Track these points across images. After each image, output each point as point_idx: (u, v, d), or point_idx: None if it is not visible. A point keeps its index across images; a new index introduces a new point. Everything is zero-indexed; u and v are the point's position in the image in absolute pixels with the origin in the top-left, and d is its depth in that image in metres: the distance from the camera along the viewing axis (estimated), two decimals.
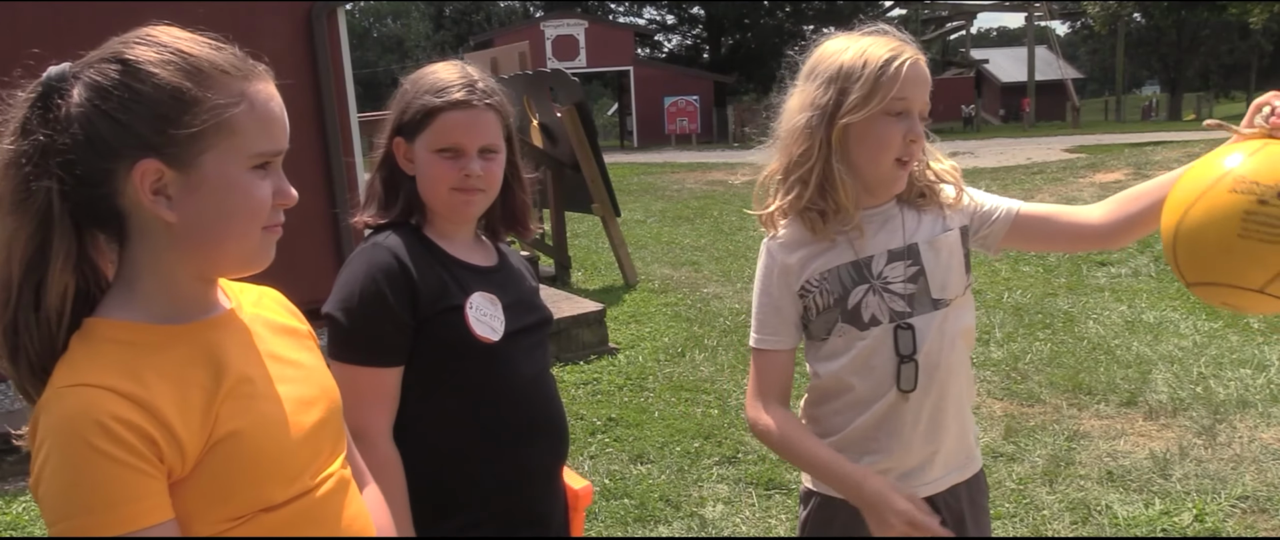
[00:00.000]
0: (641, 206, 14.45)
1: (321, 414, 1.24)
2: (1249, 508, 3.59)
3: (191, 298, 1.16)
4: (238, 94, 1.10)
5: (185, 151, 1.07)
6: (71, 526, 1.00)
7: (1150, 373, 5.18)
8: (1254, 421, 4.39)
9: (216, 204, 1.10)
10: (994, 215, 1.76)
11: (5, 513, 4.09)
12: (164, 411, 1.04)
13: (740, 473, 4.12)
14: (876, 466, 1.73)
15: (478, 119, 1.70)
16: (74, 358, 1.07)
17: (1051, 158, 18.17)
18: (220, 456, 1.08)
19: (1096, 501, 3.68)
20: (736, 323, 6.86)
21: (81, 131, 1.05)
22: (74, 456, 0.99)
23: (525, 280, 1.89)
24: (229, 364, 1.13)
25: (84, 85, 1.07)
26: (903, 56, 1.63)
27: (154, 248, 1.11)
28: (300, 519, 1.16)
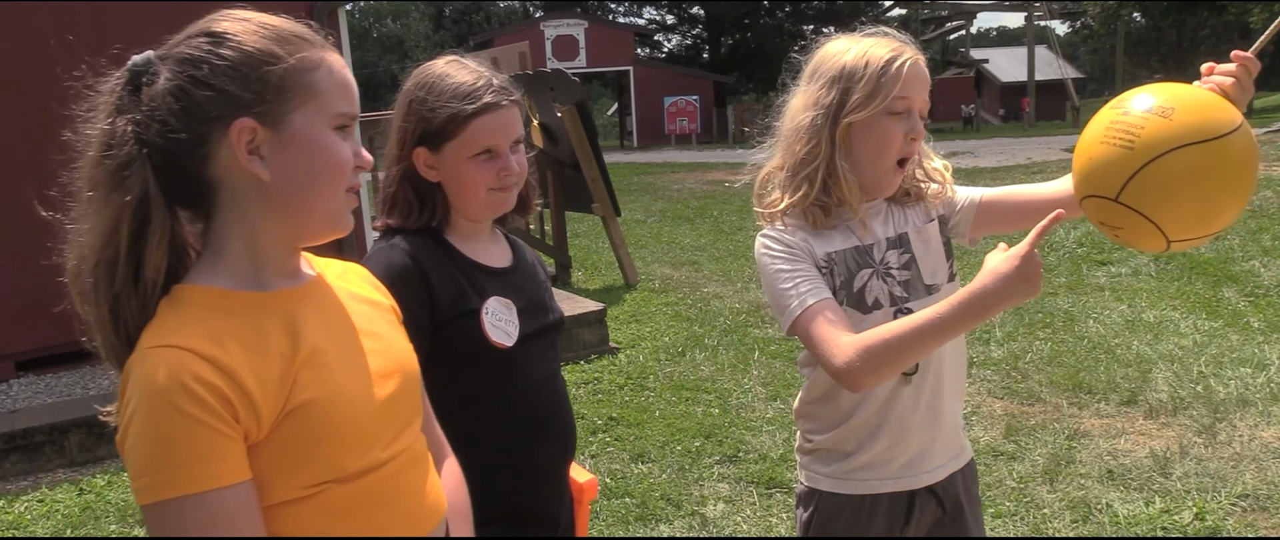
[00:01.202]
0: (641, 206, 14.45)
1: (397, 387, 1.27)
2: (1249, 506, 3.59)
3: (277, 265, 1.21)
4: (317, 59, 1.17)
5: (276, 110, 1.13)
6: (152, 482, 1.04)
7: (1150, 372, 5.18)
8: (1254, 420, 4.40)
9: (305, 161, 1.16)
10: (960, 205, 1.81)
11: (7, 512, 4.10)
12: (242, 376, 1.08)
13: (741, 472, 4.13)
14: (879, 455, 1.77)
15: (508, 118, 1.72)
16: (162, 320, 1.12)
17: (1051, 158, 18.17)
18: (295, 423, 1.12)
19: (1097, 500, 3.68)
20: (736, 322, 6.87)
21: (176, 103, 1.11)
22: (157, 415, 1.04)
23: (538, 279, 1.90)
24: (308, 333, 1.18)
25: (174, 61, 1.13)
26: (903, 56, 1.67)
27: (244, 214, 1.16)
28: (372, 492, 1.19)
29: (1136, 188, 1.41)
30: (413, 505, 1.26)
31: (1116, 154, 1.43)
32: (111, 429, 1.13)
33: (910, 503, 1.80)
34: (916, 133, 1.70)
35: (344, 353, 1.21)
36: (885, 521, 1.80)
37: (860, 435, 1.78)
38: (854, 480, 1.80)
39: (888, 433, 1.77)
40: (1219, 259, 7.57)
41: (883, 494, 1.79)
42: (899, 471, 1.79)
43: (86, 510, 4.05)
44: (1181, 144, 1.39)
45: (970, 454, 1.91)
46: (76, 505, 4.11)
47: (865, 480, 1.80)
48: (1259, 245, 7.82)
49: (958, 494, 1.85)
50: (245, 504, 1.08)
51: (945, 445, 1.83)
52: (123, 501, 4.11)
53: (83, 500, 4.16)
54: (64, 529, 3.91)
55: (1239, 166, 1.42)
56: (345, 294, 1.30)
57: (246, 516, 1.08)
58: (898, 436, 1.77)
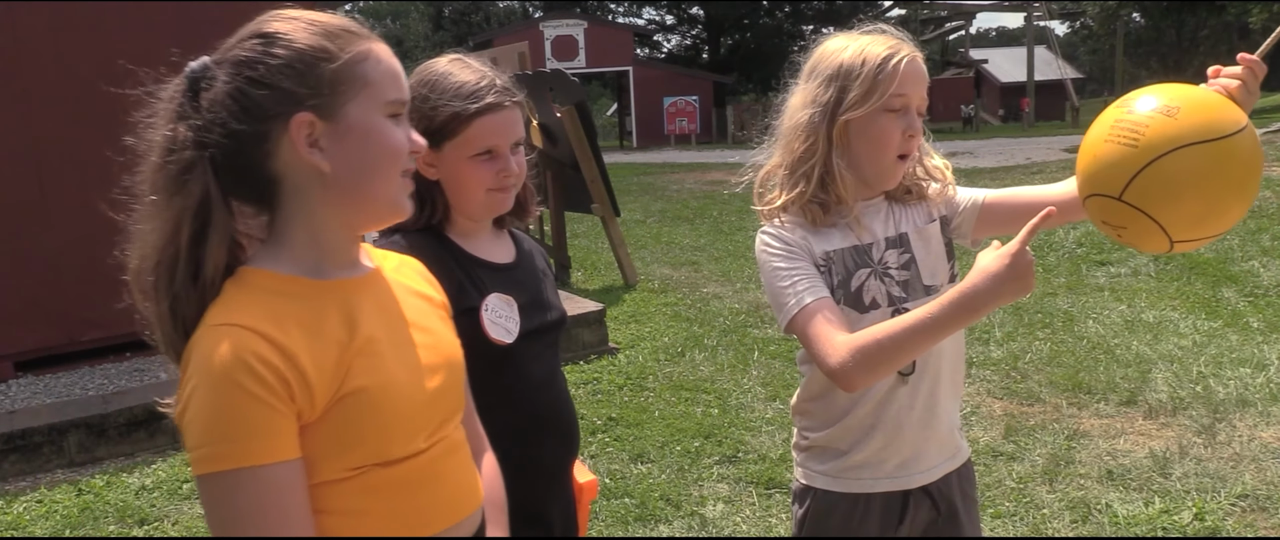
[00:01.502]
0: (641, 206, 14.45)
1: (444, 380, 1.32)
2: (1249, 506, 3.59)
3: (338, 253, 1.26)
4: (366, 50, 1.22)
5: (331, 103, 1.18)
6: (210, 452, 1.09)
7: (1150, 372, 5.18)
8: (1253, 420, 4.40)
9: (363, 150, 1.20)
10: (962, 206, 1.81)
11: (6, 513, 4.09)
12: (300, 358, 1.13)
13: (740, 472, 4.13)
14: (873, 454, 1.77)
15: (510, 119, 1.72)
16: (227, 299, 1.17)
17: (1051, 158, 18.17)
18: (346, 408, 1.17)
19: (1096, 500, 3.68)
20: (736, 323, 6.87)
21: (236, 103, 1.16)
22: (219, 389, 1.09)
23: (541, 274, 1.90)
24: (364, 322, 1.22)
25: (230, 64, 1.18)
26: (900, 54, 1.67)
27: (307, 205, 1.21)
28: (413, 475, 1.25)
29: (1140, 186, 1.41)
30: (450, 490, 1.32)
31: (1121, 152, 1.42)
32: (167, 417, 1.18)
33: (904, 502, 1.80)
34: (914, 129, 1.70)
35: (397, 344, 1.26)
36: (878, 520, 1.80)
37: (855, 434, 1.79)
38: (847, 478, 1.81)
39: (883, 432, 1.77)
40: (1218, 259, 7.57)
41: (877, 493, 1.80)
42: (894, 471, 1.79)
43: (85, 511, 4.05)
44: (1186, 143, 1.38)
45: (967, 454, 1.91)
46: (75, 506, 4.10)
47: (859, 478, 1.80)
48: (1258, 245, 7.83)
49: (953, 495, 1.85)
50: (295, 480, 1.13)
51: (941, 446, 1.82)
52: (121, 502, 4.11)
53: (81, 501, 4.16)
54: (62, 529, 3.91)
55: (1243, 167, 1.42)
56: (400, 287, 1.35)
57: (295, 492, 1.13)
58: (892, 436, 1.77)
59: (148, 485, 4.29)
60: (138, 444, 4.81)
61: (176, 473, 4.42)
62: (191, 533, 3.82)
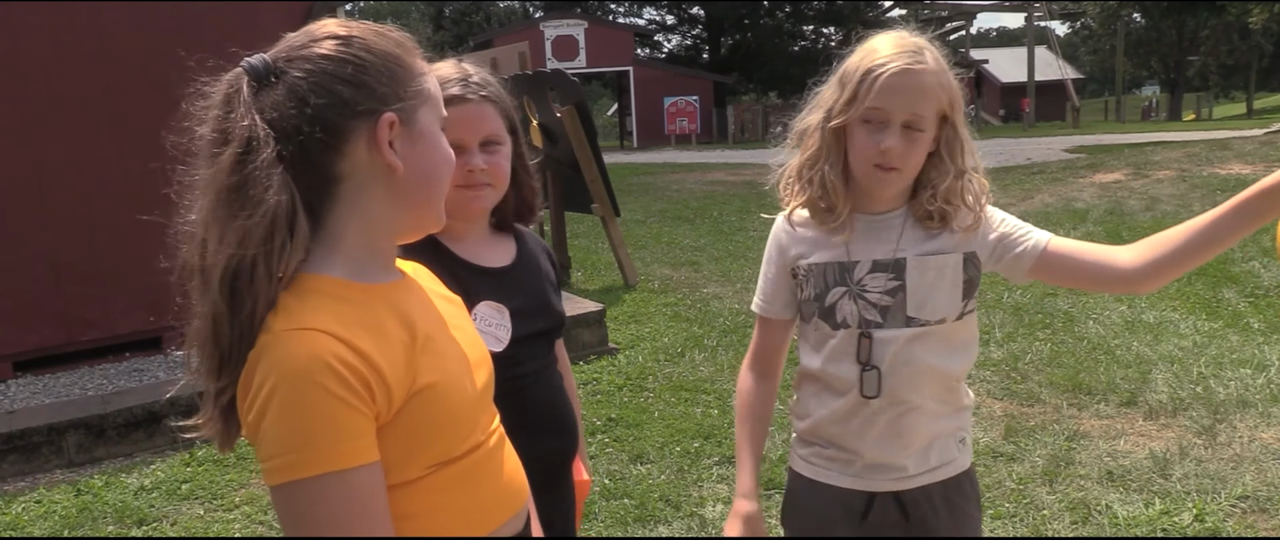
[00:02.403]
0: (641, 206, 14.44)
1: (486, 376, 1.35)
2: (1249, 507, 3.59)
3: (382, 260, 1.27)
4: (424, 66, 1.28)
5: (409, 108, 1.21)
6: (293, 460, 1.06)
7: (1150, 373, 5.18)
8: (1254, 421, 4.39)
9: (429, 156, 1.24)
10: (1019, 246, 1.71)
11: (5, 513, 4.09)
12: (375, 358, 1.12)
13: None
14: (838, 456, 1.81)
15: (475, 112, 1.70)
16: (289, 306, 1.13)
17: (1051, 158, 18.16)
18: (418, 406, 1.17)
19: (1096, 501, 3.67)
20: (736, 323, 6.86)
21: (320, 100, 1.14)
22: (302, 394, 1.06)
23: (541, 276, 1.87)
24: (418, 322, 1.23)
25: (305, 61, 1.17)
26: (887, 66, 1.62)
27: (366, 206, 1.21)
28: (474, 469, 1.27)
29: None
30: (506, 482, 1.34)
31: None
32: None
33: (869, 503, 1.80)
34: (886, 146, 1.63)
35: (447, 342, 1.28)
36: (840, 513, 1.82)
37: (823, 434, 1.83)
38: (816, 466, 1.86)
39: (846, 441, 1.79)
40: (1218, 260, 7.55)
41: (840, 487, 1.82)
42: (860, 471, 1.80)
43: (84, 511, 4.04)
44: None
45: (961, 468, 1.84)
46: (74, 506, 4.10)
47: (827, 470, 1.84)
48: (1259, 246, 7.82)
49: (927, 506, 1.81)
50: (377, 483, 1.12)
51: (918, 462, 1.79)
52: (120, 502, 4.10)
53: (80, 501, 4.15)
54: (61, 529, 3.90)
55: None
56: (428, 291, 1.37)
57: (377, 497, 1.12)
58: (856, 447, 1.78)
59: (146, 486, 4.28)
60: (136, 444, 4.81)
61: (175, 473, 4.41)
62: (190, 533, 3.81)
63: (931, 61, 1.65)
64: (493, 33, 37.63)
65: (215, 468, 4.45)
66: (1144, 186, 11.46)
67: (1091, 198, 11.40)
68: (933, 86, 1.64)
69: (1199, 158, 13.02)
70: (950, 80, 1.67)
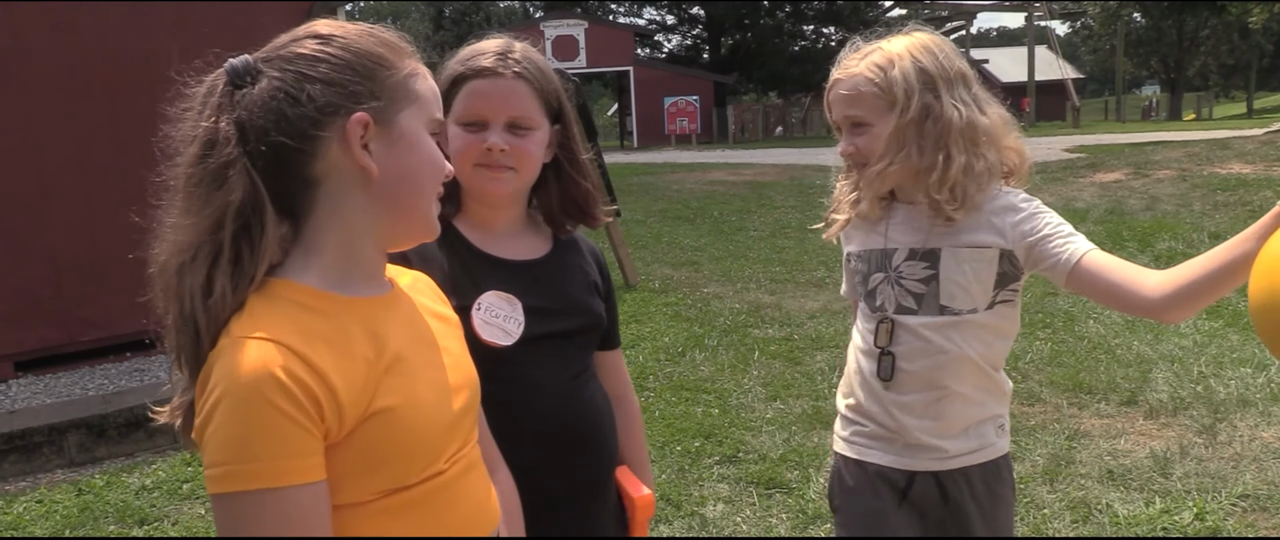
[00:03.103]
0: (641, 206, 14.43)
1: (465, 402, 1.29)
2: (1249, 506, 3.59)
3: (366, 269, 1.23)
4: (414, 66, 1.23)
5: (387, 108, 1.17)
6: (231, 471, 1.03)
7: (1151, 372, 5.18)
8: (1254, 420, 4.39)
9: (410, 160, 1.19)
10: (1053, 258, 1.69)
11: (6, 513, 4.09)
12: (330, 376, 1.08)
13: (741, 472, 4.12)
14: (880, 434, 1.86)
15: (505, 88, 1.57)
16: (253, 312, 1.11)
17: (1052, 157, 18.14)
18: (373, 429, 1.12)
19: (1097, 500, 3.68)
20: (736, 323, 6.86)
21: (290, 99, 1.12)
22: (245, 404, 1.03)
23: (577, 277, 1.73)
24: (390, 340, 1.18)
25: (283, 61, 1.15)
26: (830, 81, 1.81)
27: (343, 212, 1.18)
28: (430, 497, 1.20)
29: None
30: (467, 509, 1.27)
31: None
32: (156, 425, 1.14)
33: (909, 482, 1.85)
34: (845, 149, 1.82)
35: (422, 364, 1.23)
36: (887, 487, 1.86)
37: (863, 412, 1.90)
38: (858, 445, 1.91)
39: (883, 421, 1.85)
40: None
41: (882, 466, 1.86)
42: (901, 450, 1.85)
43: (85, 511, 4.05)
44: None
45: (1000, 452, 1.89)
46: (75, 506, 4.10)
47: (868, 448, 1.89)
48: None
49: (965, 488, 1.85)
50: (319, 504, 1.08)
51: (958, 442, 1.84)
52: (121, 502, 4.10)
53: (81, 501, 4.15)
54: (62, 529, 3.91)
55: None
56: (420, 307, 1.32)
57: (318, 517, 1.08)
58: (884, 425, 1.85)
59: (148, 485, 4.29)
60: (138, 444, 4.81)
61: (176, 473, 4.42)
62: (191, 533, 3.82)
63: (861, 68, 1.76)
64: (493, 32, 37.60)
65: None
66: (1144, 186, 11.46)
67: (1092, 197, 11.40)
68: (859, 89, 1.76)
69: (1199, 157, 13.01)
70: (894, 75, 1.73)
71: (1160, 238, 8.44)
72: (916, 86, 1.71)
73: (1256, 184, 10.18)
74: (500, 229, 1.67)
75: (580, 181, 1.70)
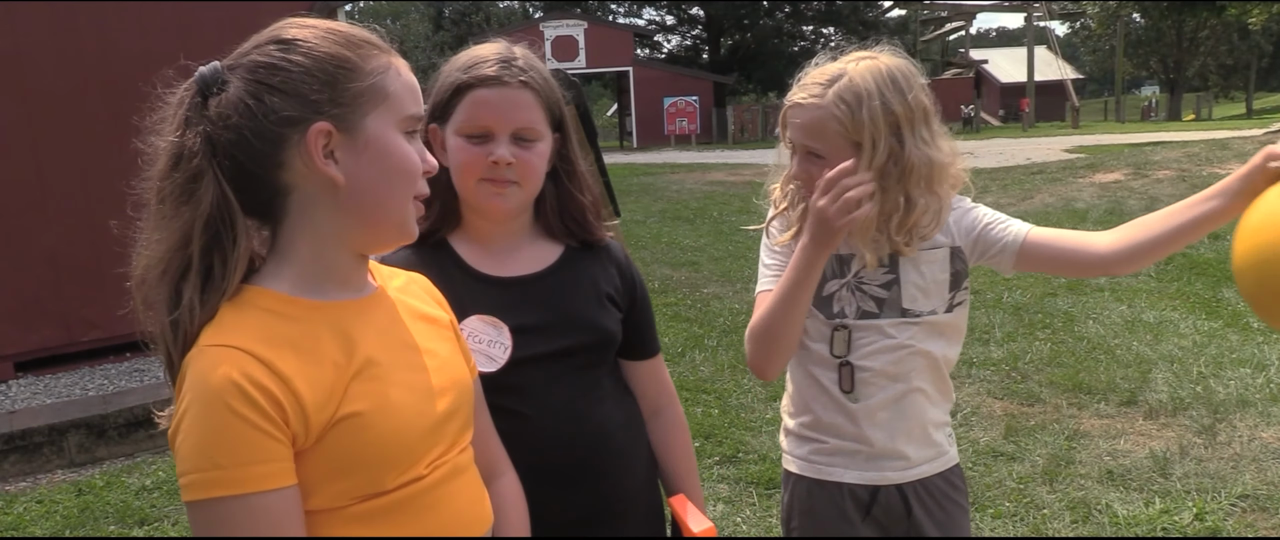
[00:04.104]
0: (641, 207, 14.45)
1: (450, 404, 1.26)
2: (1249, 506, 3.59)
3: (341, 274, 1.22)
4: (386, 62, 1.19)
5: (350, 114, 1.15)
6: (200, 479, 1.04)
7: (1150, 372, 5.18)
8: (1254, 421, 4.40)
9: (379, 165, 1.17)
10: (999, 243, 1.74)
11: (7, 513, 4.09)
12: (295, 382, 1.08)
13: (741, 472, 4.13)
14: (843, 447, 1.81)
15: (511, 98, 1.49)
16: (222, 320, 1.11)
17: (1051, 158, 18.18)
18: (342, 434, 1.12)
19: (1097, 500, 3.68)
20: (736, 323, 6.86)
21: (251, 109, 1.11)
22: (210, 413, 1.04)
23: (584, 289, 1.62)
24: (363, 345, 1.17)
25: (246, 70, 1.14)
26: (788, 102, 1.74)
27: (314, 220, 1.17)
28: (407, 504, 1.19)
29: None
30: (450, 515, 1.25)
31: None
32: (162, 429, 1.13)
33: (873, 495, 1.82)
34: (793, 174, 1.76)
35: (398, 368, 1.21)
36: (852, 507, 1.82)
37: (821, 427, 1.84)
38: (816, 463, 1.86)
39: (846, 432, 1.81)
40: (1218, 259, 7.57)
41: (844, 483, 1.82)
42: (866, 462, 1.81)
43: (85, 511, 4.05)
44: None
45: (953, 460, 1.89)
46: (75, 506, 4.10)
47: (829, 466, 1.84)
48: None
49: (928, 497, 1.84)
50: (289, 509, 1.08)
51: (919, 448, 1.82)
52: (121, 502, 4.11)
53: (82, 501, 4.16)
54: (63, 530, 3.91)
55: None
56: (405, 308, 1.30)
57: (289, 521, 1.08)
58: (859, 436, 1.80)
59: (148, 485, 4.29)
60: (137, 444, 4.82)
61: (176, 473, 4.42)
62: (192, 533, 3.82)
63: (827, 98, 1.66)
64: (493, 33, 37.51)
65: None
66: (1144, 186, 11.47)
67: (1091, 198, 11.41)
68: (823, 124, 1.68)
69: (1199, 158, 13.02)
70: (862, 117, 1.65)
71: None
72: (883, 130, 1.65)
73: None
74: (500, 243, 1.60)
75: (578, 195, 1.63)
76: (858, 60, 1.70)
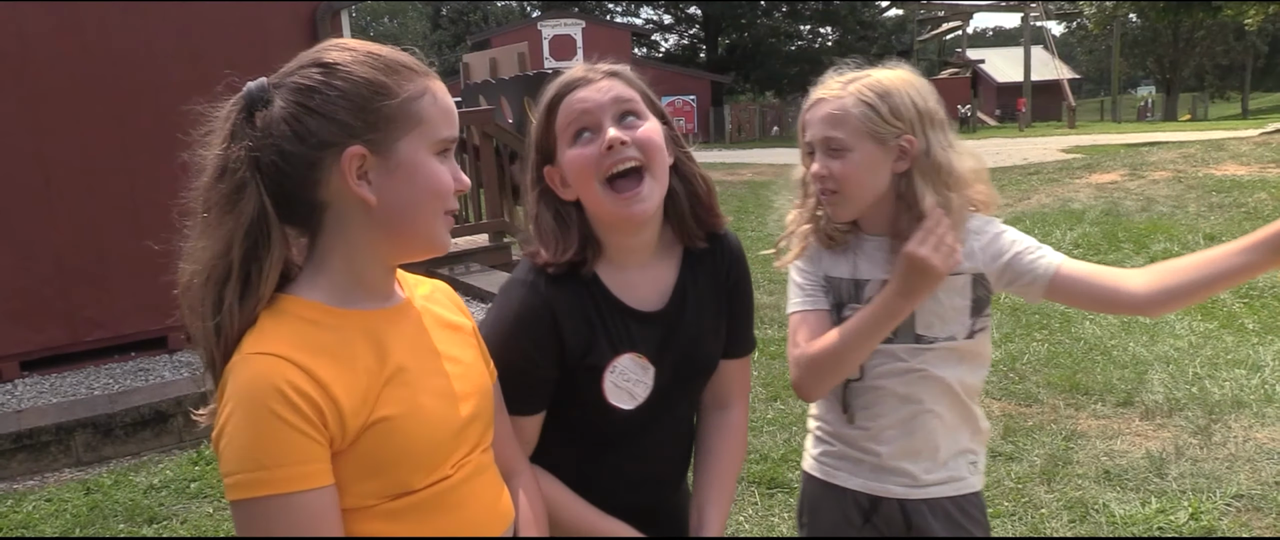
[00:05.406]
0: None
1: (473, 409, 1.33)
2: (1244, 506, 3.64)
3: (373, 285, 1.28)
4: (422, 87, 1.24)
5: (384, 138, 1.20)
6: (245, 479, 1.11)
7: (1146, 373, 5.23)
8: (1248, 421, 4.45)
9: (409, 186, 1.22)
10: (1029, 274, 1.70)
11: (17, 511, 4.13)
12: (332, 387, 1.15)
13: (742, 472, 4.16)
14: (849, 454, 1.85)
15: (600, 86, 1.49)
16: (263, 328, 1.18)
17: (1048, 158, 18.22)
18: (374, 437, 1.18)
19: (1094, 500, 3.73)
20: None
21: (290, 130, 1.18)
22: (254, 417, 1.11)
23: (707, 312, 1.65)
24: (394, 352, 1.24)
25: (288, 90, 1.20)
26: (810, 100, 1.75)
27: (348, 234, 1.23)
28: (434, 501, 1.26)
29: None
30: (473, 513, 1.31)
31: None
32: (205, 427, 1.19)
33: (873, 506, 1.84)
34: (814, 173, 1.74)
35: (426, 374, 1.28)
36: (855, 511, 1.85)
37: (836, 434, 1.87)
38: (825, 466, 1.90)
39: (857, 442, 1.83)
40: None
41: (848, 488, 1.85)
42: (871, 473, 1.83)
43: (95, 509, 4.09)
44: None
45: (972, 488, 1.86)
46: (84, 504, 4.15)
47: (836, 470, 1.87)
48: None
49: (933, 518, 1.82)
50: (328, 507, 1.15)
51: (928, 468, 1.82)
52: (130, 500, 4.15)
53: (90, 499, 4.20)
54: (73, 528, 3.95)
55: None
56: (430, 317, 1.36)
57: (328, 519, 1.15)
58: (868, 448, 1.82)
59: (155, 484, 4.33)
60: (144, 443, 4.86)
61: (183, 472, 4.46)
62: (200, 532, 3.86)
63: (849, 91, 1.68)
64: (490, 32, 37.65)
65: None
66: (1140, 187, 11.51)
67: (1088, 198, 11.44)
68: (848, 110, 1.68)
69: (1195, 159, 13.06)
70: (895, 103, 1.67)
71: (1155, 239, 8.48)
72: (916, 122, 1.67)
73: (1251, 186, 10.23)
74: (638, 261, 1.58)
75: (700, 177, 1.60)
76: (878, 69, 1.74)
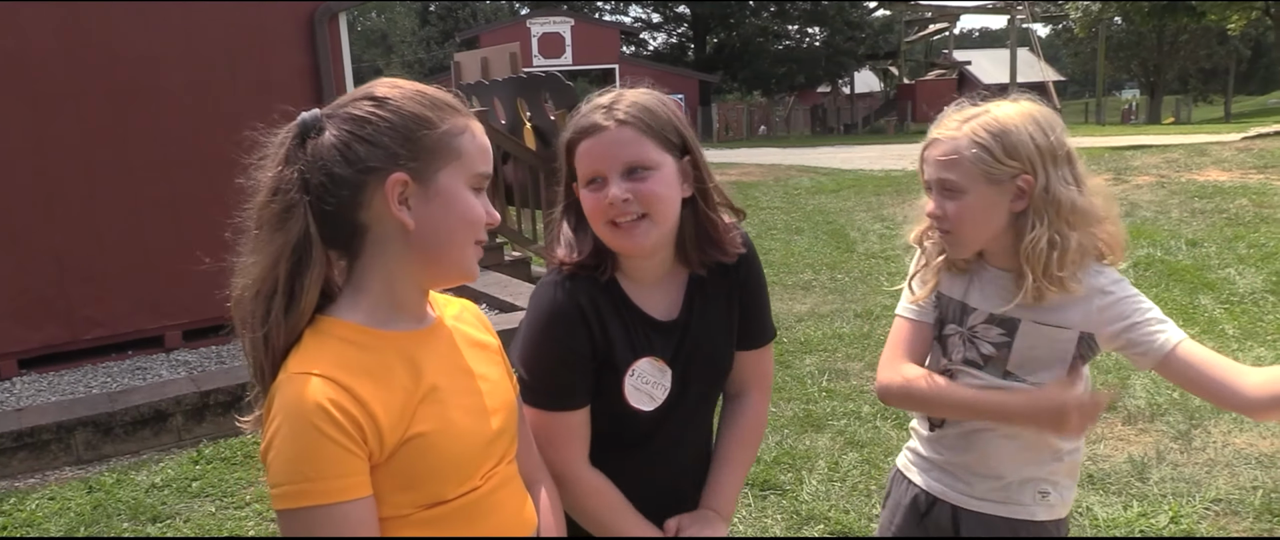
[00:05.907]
0: None
1: (501, 423, 1.42)
2: (1222, 510, 3.73)
3: (408, 307, 1.36)
4: (463, 125, 1.34)
5: (426, 168, 1.29)
6: (291, 490, 1.19)
7: (1129, 379, 5.30)
8: (1227, 427, 4.53)
9: (445, 215, 1.31)
10: (1142, 347, 1.68)
11: (20, 509, 4.17)
12: (372, 405, 1.23)
13: None
14: (921, 450, 1.96)
15: (609, 139, 1.55)
16: (306, 348, 1.27)
17: None
18: (410, 451, 1.27)
19: (1077, 503, 3.80)
20: None
21: (340, 155, 1.27)
22: (300, 432, 1.19)
23: (718, 317, 1.71)
24: (428, 371, 1.33)
25: (340, 119, 1.29)
26: (928, 139, 1.77)
27: (386, 257, 1.32)
28: (465, 510, 1.35)
29: None
30: (500, 521, 1.41)
31: None
32: (251, 435, 1.29)
33: (930, 506, 1.93)
34: (930, 210, 1.76)
35: (457, 392, 1.36)
36: (906, 508, 1.97)
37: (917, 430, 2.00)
38: (906, 456, 2.02)
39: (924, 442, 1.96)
40: (1195, 266, 7.71)
41: (914, 484, 1.97)
42: (930, 470, 1.94)
43: (98, 508, 4.13)
44: None
45: (1032, 517, 1.84)
46: (87, 503, 4.19)
47: (910, 465, 2.00)
48: (1234, 253, 7.96)
49: (982, 531, 1.85)
50: (367, 517, 1.24)
51: (984, 484, 1.85)
52: (132, 499, 4.20)
53: (93, 498, 4.24)
54: (77, 527, 3.99)
55: None
56: (460, 336, 1.46)
57: (367, 528, 1.24)
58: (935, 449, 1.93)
59: (157, 483, 4.38)
60: (143, 442, 4.90)
61: (185, 471, 4.51)
62: (204, 531, 3.91)
63: (964, 131, 1.69)
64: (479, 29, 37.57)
65: (223, 466, 4.54)
66: (1124, 192, 11.61)
67: None
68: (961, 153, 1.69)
69: (1178, 164, 13.18)
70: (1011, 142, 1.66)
71: (1139, 244, 8.56)
72: (1031, 157, 1.66)
73: (1233, 191, 10.34)
74: (652, 276, 1.66)
75: (714, 215, 1.65)
76: (999, 104, 1.72)
